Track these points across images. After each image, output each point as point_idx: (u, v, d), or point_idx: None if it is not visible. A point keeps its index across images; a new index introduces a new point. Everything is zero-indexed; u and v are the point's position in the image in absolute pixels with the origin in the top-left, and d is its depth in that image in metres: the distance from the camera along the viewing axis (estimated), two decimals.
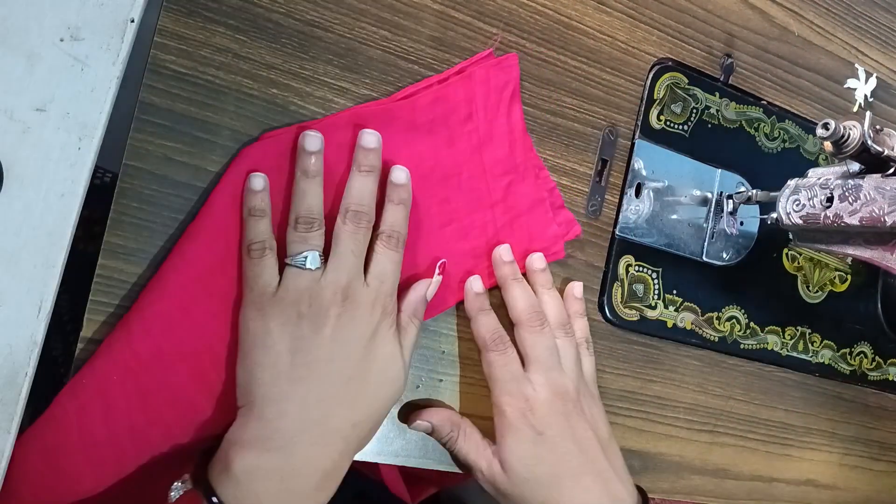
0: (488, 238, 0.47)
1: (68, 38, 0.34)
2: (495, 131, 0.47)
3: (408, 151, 0.44)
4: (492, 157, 0.47)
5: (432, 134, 0.45)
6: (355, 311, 0.39)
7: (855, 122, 0.43)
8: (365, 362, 0.39)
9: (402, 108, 0.45)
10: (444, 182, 0.46)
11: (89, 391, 0.38)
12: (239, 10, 0.42)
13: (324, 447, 0.38)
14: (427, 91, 0.46)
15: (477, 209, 0.47)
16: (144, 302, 0.39)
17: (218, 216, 0.40)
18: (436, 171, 0.46)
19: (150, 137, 0.40)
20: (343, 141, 0.43)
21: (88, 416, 0.38)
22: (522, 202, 0.48)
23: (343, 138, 0.43)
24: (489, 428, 0.49)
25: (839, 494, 0.64)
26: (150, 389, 0.39)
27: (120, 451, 0.39)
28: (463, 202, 0.47)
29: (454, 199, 0.46)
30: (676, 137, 0.55)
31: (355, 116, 0.43)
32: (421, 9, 0.46)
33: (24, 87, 0.33)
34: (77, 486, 0.38)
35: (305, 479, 0.37)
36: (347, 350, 0.39)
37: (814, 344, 0.62)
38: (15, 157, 0.33)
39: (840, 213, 0.45)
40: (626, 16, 0.53)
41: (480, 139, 0.47)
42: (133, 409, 0.39)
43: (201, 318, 0.40)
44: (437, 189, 0.46)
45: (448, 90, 0.46)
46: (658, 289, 0.54)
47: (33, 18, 0.33)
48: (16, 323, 0.34)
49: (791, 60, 0.61)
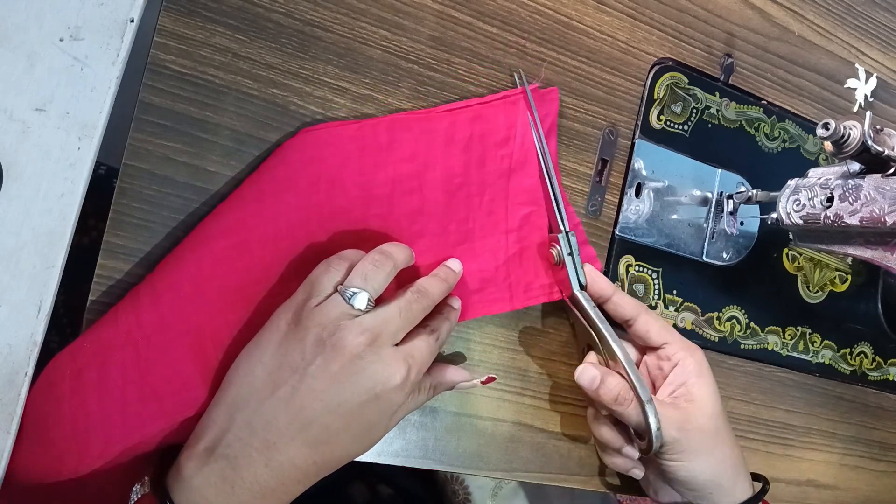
0: (497, 264, 0.47)
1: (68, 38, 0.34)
2: (528, 160, 0.47)
3: (441, 164, 0.45)
4: (518, 185, 0.47)
5: (467, 151, 0.46)
6: (375, 363, 0.36)
7: (855, 122, 0.43)
8: (353, 417, 0.36)
9: (443, 120, 0.45)
10: (468, 200, 0.46)
11: (87, 357, 0.38)
12: (239, 10, 0.42)
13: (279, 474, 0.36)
14: (469, 109, 0.46)
15: (492, 233, 0.47)
16: (158, 274, 0.39)
17: (247, 204, 0.40)
18: (462, 188, 0.46)
19: (150, 137, 0.40)
20: (382, 144, 0.44)
21: (83, 383, 0.38)
22: (536, 235, 0.48)
23: (382, 141, 0.44)
24: (490, 428, 0.49)
25: (839, 495, 0.64)
26: (149, 361, 0.39)
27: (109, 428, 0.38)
28: (480, 224, 0.47)
29: (473, 220, 0.47)
30: (676, 137, 0.55)
31: (396, 122, 0.44)
32: (421, 9, 0.46)
33: (24, 86, 0.33)
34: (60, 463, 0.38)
35: (250, 494, 0.35)
36: (343, 397, 0.36)
37: (814, 344, 0.62)
38: (15, 157, 0.33)
39: (840, 213, 0.45)
40: (626, 16, 0.53)
41: (512, 165, 0.47)
42: (129, 381, 0.38)
43: (211, 297, 0.40)
44: (460, 207, 0.46)
45: (490, 111, 0.47)
46: (658, 289, 0.54)
47: (33, 18, 0.33)
48: (15, 323, 0.34)
49: (791, 60, 0.61)
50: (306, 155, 0.42)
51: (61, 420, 0.37)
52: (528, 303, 0.48)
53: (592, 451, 0.52)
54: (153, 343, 0.39)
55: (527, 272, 0.48)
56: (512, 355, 0.50)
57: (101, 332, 0.38)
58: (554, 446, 0.51)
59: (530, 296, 0.48)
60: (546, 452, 0.51)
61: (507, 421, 0.50)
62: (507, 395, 0.50)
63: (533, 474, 0.51)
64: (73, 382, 0.38)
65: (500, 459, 0.50)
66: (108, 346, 0.38)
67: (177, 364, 0.39)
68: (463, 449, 0.48)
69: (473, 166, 0.46)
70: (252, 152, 0.42)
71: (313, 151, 0.42)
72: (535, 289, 0.48)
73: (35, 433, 0.37)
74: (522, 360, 0.50)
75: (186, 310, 0.39)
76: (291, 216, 0.42)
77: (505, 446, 0.50)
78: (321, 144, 0.42)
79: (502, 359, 0.49)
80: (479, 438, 0.49)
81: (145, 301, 0.39)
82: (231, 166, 0.42)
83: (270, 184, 0.41)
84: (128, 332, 0.38)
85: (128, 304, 0.39)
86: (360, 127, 0.43)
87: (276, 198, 0.41)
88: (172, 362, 0.39)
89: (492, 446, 0.49)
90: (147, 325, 0.38)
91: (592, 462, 0.52)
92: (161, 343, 0.39)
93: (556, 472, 0.51)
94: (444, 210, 0.46)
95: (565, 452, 0.51)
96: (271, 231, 0.41)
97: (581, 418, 0.52)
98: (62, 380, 0.37)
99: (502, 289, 0.47)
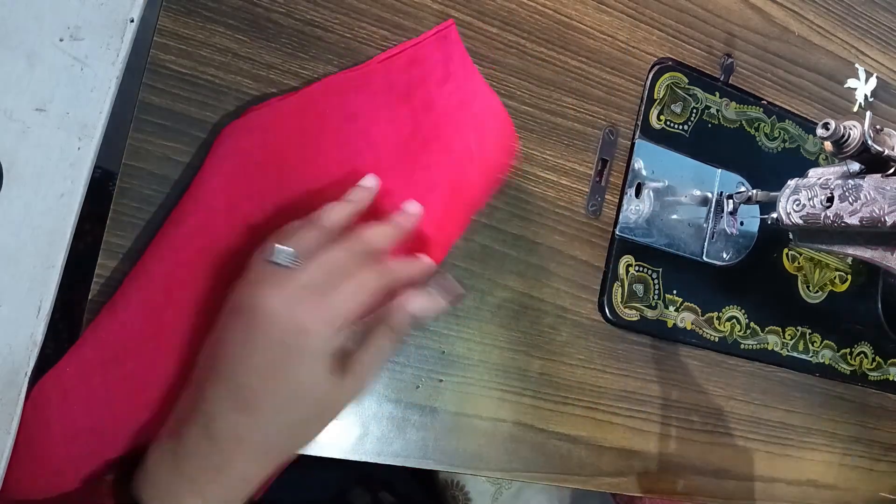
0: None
1: (68, 38, 0.34)
2: (478, 88, 0.46)
3: (386, 115, 0.44)
4: (477, 111, 0.46)
5: (409, 98, 0.44)
6: (281, 312, 0.35)
7: (855, 122, 0.43)
8: (271, 373, 0.35)
9: (377, 72, 0.44)
10: (426, 146, 0.45)
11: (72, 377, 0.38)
12: (239, 10, 0.42)
13: (219, 445, 0.35)
14: (401, 55, 0.45)
15: (461, 166, 0.46)
16: (129, 287, 0.39)
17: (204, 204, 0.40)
18: (417, 135, 0.45)
19: (150, 137, 0.40)
20: (321, 110, 0.42)
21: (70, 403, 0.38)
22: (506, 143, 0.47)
23: (321, 107, 0.42)
24: (490, 428, 0.49)
25: (839, 495, 0.64)
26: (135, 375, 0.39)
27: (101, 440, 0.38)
28: (445, 164, 0.45)
29: (437, 164, 0.45)
30: (676, 137, 0.55)
31: (332, 86, 0.43)
32: (421, 9, 0.46)
33: (24, 87, 0.33)
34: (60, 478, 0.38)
35: (195, 469, 0.35)
36: (254, 352, 0.35)
37: (814, 344, 0.62)
38: (15, 157, 0.33)
39: (840, 213, 0.45)
40: (626, 16, 0.53)
41: (462, 98, 0.46)
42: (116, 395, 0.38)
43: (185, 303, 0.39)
44: (420, 154, 0.45)
45: (422, 52, 0.45)
46: (658, 289, 0.54)
47: (33, 18, 0.33)
48: (15, 323, 0.34)
49: (791, 60, 0.61)
50: (252, 138, 0.41)
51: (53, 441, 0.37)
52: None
53: (592, 451, 0.52)
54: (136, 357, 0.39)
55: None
56: (512, 355, 0.50)
57: (82, 351, 0.38)
58: (554, 446, 0.51)
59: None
60: (546, 452, 0.51)
61: (507, 421, 0.50)
62: (507, 395, 0.50)
63: (533, 474, 0.51)
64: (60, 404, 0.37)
65: (500, 459, 0.49)
66: (90, 365, 0.38)
67: (162, 373, 0.39)
68: (463, 449, 0.48)
69: (420, 111, 0.45)
70: None
71: (258, 133, 0.41)
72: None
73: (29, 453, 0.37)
74: (522, 360, 0.50)
75: (163, 319, 0.39)
76: (249, 204, 0.41)
77: (505, 446, 0.50)
78: (264, 124, 0.41)
79: (502, 359, 0.49)
80: (479, 438, 0.49)
81: (122, 316, 0.38)
82: None
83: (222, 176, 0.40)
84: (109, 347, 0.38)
85: (106, 320, 0.38)
86: (298, 98, 0.42)
87: (229, 189, 0.40)
88: (158, 372, 0.39)
89: (492, 446, 0.49)
90: (128, 340, 0.38)
91: (592, 462, 0.52)
92: (144, 356, 0.39)
93: (556, 472, 0.51)
94: (403, 161, 0.44)
95: (565, 452, 0.51)
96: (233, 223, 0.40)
97: (581, 418, 0.52)
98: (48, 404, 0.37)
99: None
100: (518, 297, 0.50)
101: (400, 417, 0.47)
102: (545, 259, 0.50)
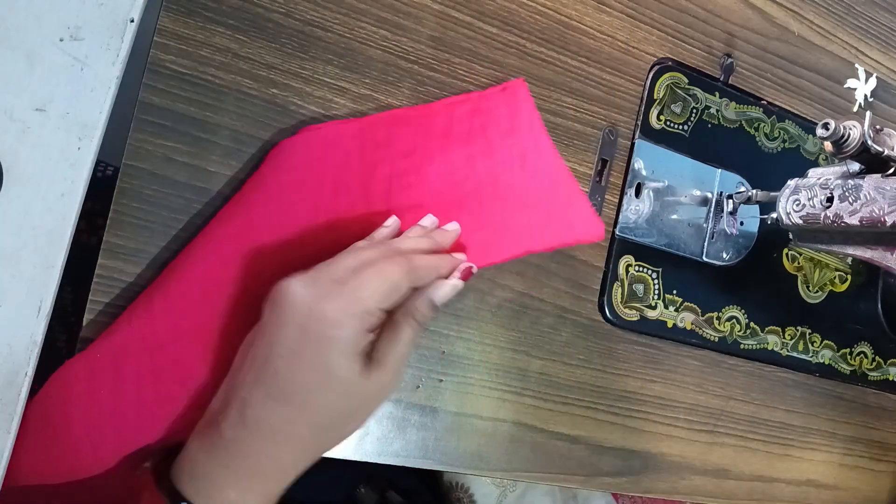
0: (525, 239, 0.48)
1: (68, 38, 0.34)
2: (541, 144, 0.47)
3: (440, 156, 0.45)
4: (536, 165, 0.47)
5: (469, 143, 0.46)
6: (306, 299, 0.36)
7: (855, 122, 0.43)
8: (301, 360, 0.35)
9: (440, 113, 0.45)
10: (477, 191, 0.46)
11: (103, 362, 0.38)
12: (239, 10, 0.42)
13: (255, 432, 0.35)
14: (467, 102, 0.46)
15: (512, 217, 0.47)
16: (168, 279, 0.39)
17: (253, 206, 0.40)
18: (469, 179, 0.46)
19: (150, 137, 0.40)
20: (380, 140, 0.44)
21: (98, 386, 0.38)
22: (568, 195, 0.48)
23: (380, 137, 0.44)
24: (490, 428, 0.49)
25: (839, 495, 0.64)
26: (164, 367, 0.39)
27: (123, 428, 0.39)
28: (495, 213, 0.46)
29: (487, 210, 0.46)
30: (676, 137, 0.55)
31: (392, 119, 0.44)
32: (421, 9, 0.46)
33: (24, 86, 0.33)
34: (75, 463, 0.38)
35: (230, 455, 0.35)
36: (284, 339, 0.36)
37: (814, 344, 0.62)
38: (15, 157, 0.33)
39: (840, 213, 0.45)
40: (626, 16, 0.53)
41: (523, 152, 0.47)
42: (144, 385, 0.39)
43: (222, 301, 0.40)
44: (469, 198, 0.46)
45: (489, 103, 0.46)
46: (658, 289, 0.54)
47: (33, 18, 0.33)
48: (16, 323, 0.34)
49: (791, 60, 0.61)
50: (309, 155, 0.42)
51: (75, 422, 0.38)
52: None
53: (592, 451, 0.52)
54: (167, 350, 0.39)
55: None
56: (512, 355, 0.50)
57: (115, 338, 0.38)
58: (554, 446, 0.51)
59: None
60: (546, 452, 0.51)
61: (507, 421, 0.50)
62: (507, 395, 0.50)
63: (533, 474, 0.51)
64: (87, 386, 0.38)
65: (500, 459, 0.50)
66: (123, 353, 0.38)
67: (191, 368, 0.40)
68: (463, 449, 0.48)
69: (478, 156, 0.46)
70: (252, 152, 0.42)
71: (316, 151, 0.42)
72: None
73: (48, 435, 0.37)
74: (522, 360, 0.50)
75: (198, 315, 0.39)
76: (297, 217, 0.42)
77: (505, 446, 0.50)
78: (323, 144, 0.42)
79: (502, 359, 0.49)
80: (479, 438, 0.49)
81: (158, 308, 0.39)
82: (231, 166, 0.42)
83: (274, 185, 0.41)
84: (142, 338, 0.39)
85: (140, 310, 0.39)
86: (360, 124, 0.43)
87: (280, 199, 0.41)
88: (187, 366, 0.39)
89: (492, 446, 0.49)
90: (161, 333, 0.39)
91: (592, 462, 0.52)
92: (175, 349, 0.39)
93: (556, 472, 0.51)
94: (451, 201, 0.45)
95: (565, 452, 0.51)
96: (278, 233, 0.41)
97: (581, 418, 0.52)
98: (76, 382, 0.38)
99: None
100: (518, 297, 0.50)
101: (400, 417, 0.47)
102: (545, 259, 0.50)
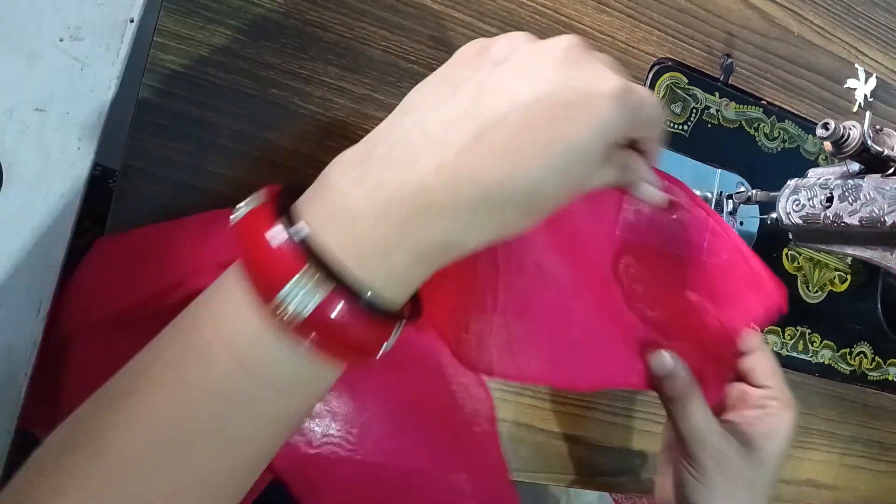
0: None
1: (68, 38, 0.34)
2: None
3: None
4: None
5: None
6: (587, 62, 0.29)
7: (855, 122, 0.43)
8: (547, 119, 0.27)
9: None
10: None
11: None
12: (239, 10, 0.42)
13: (445, 184, 0.26)
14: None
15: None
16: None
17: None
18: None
19: (150, 137, 0.40)
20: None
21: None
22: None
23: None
24: None
25: (839, 494, 0.64)
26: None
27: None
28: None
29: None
30: (676, 137, 0.55)
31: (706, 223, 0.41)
32: (421, 9, 0.46)
33: (24, 86, 0.33)
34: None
35: (390, 196, 0.26)
36: (540, 89, 0.27)
37: (814, 344, 0.62)
38: (15, 156, 0.33)
39: (840, 213, 0.45)
40: (626, 16, 0.53)
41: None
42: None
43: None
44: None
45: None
46: None
47: (33, 18, 0.33)
48: (15, 323, 0.34)
49: (791, 60, 0.61)
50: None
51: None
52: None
53: (592, 451, 0.52)
54: None
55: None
56: None
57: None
58: (554, 446, 0.51)
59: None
60: (546, 452, 0.51)
61: (507, 421, 0.50)
62: (507, 395, 0.50)
63: (533, 474, 0.51)
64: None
65: None
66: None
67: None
68: None
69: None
70: (252, 152, 0.42)
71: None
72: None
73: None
74: None
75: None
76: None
77: (505, 446, 0.49)
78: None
79: None
80: None
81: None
82: (231, 166, 0.42)
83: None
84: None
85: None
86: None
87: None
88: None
89: None
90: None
91: (592, 462, 0.52)
92: None
93: (556, 472, 0.51)
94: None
95: (565, 452, 0.51)
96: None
97: (581, 418, 0.52)
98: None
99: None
100: None
101: None
102: None
